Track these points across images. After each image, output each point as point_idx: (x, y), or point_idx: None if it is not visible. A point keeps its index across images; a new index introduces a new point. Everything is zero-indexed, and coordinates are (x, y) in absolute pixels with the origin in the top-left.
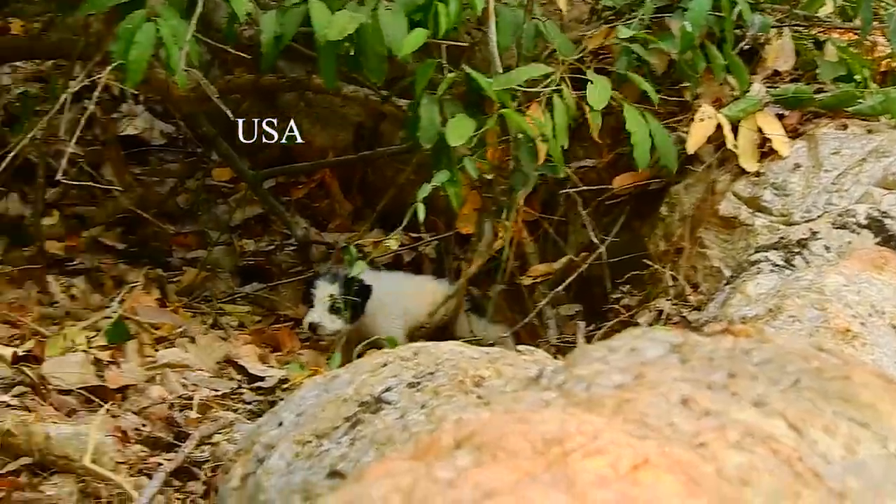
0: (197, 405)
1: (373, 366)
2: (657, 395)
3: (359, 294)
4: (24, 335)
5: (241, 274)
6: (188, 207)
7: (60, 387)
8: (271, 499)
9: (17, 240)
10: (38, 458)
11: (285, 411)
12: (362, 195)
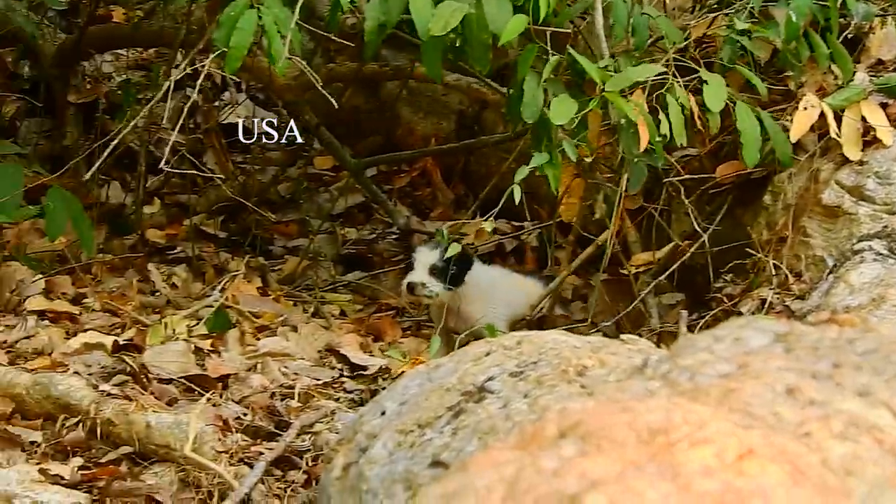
0: (298, 394)
1: (476, 355)
2: (762, 385)
3: (459, 263)
4: (124, 324)
5: (342, 262)
6: (290, 196)
7: (161, 376)
8: (373, 488)
9: (119, 228)
10: (138, 448)
11: (388, 400)
12: (464, 184)
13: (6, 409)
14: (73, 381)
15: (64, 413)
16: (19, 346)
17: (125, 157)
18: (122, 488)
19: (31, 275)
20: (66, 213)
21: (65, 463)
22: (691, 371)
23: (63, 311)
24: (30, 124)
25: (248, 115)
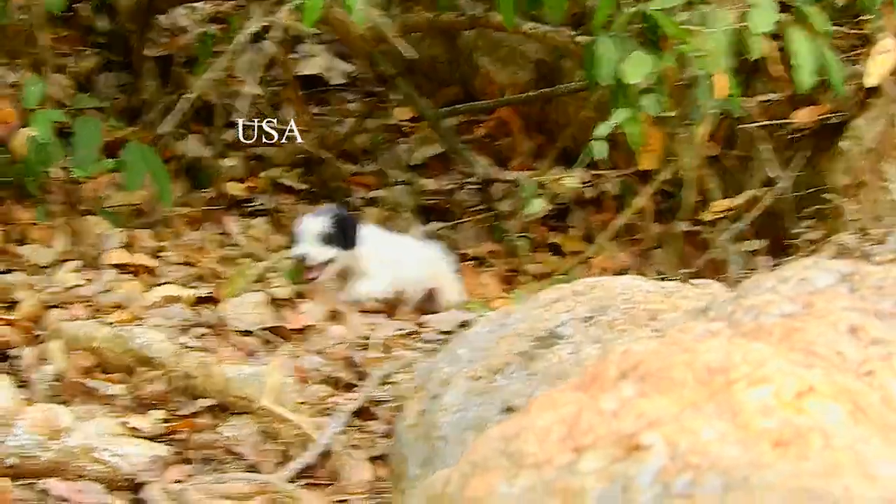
0: (377, 345)
1: (547, 301)
2: (825, 324)
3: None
4: (203, 276)
5: (421, 213)
6: (368, 147)
7: (240, 328)
8: (445, 435)
9: (198, 181)
10: (218, 400)
11: (460, 348)
12: (543, 132)
13: (86, 362)
14: (152, 335)
15: (143, 366)
16: (98, 300)
17: (203, 111)
18: (202, 440)
19: (110, 229)
20: (143, 166)
21: (144, 416)
22: (755, 311)
23: (142, 265)
24: (107, 78)
25: (325, 67)
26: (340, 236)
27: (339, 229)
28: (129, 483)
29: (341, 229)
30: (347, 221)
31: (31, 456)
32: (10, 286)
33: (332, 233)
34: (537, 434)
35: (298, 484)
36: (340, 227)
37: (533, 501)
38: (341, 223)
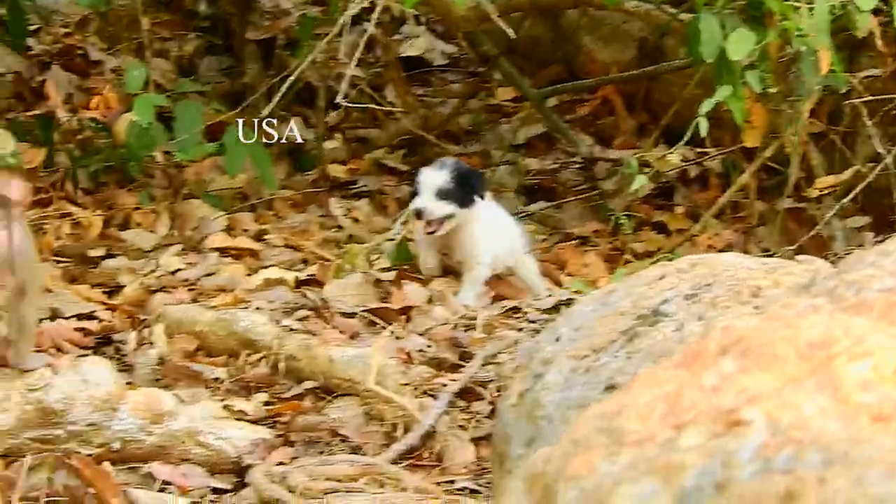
0: (481, 325)
1: (650, 278)
2: None
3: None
4: (306, 259)
5: (525, 193)
6: (471, 127)
7: (343, 309)
8: (549, 414)
9: (300, 164)
10: (322, 382)
11: (563, 326)
12: (646, 111)
13: (189, 346)
14: (255, 317)
15: (247, 349)
16: (201, 284)
17: (305, 93)
18: (306, 423)
19: (213, 212)
20: (245, 149)
21: (248, 399)
22: (857, 286)
23: (245, 248)
24: (209, 62)
25: (427, 48)
26: (460, 192)
27: (460, 185)
28: (232, 466)
29: (462, 185)
30: (469, 176)
31: (134, 440)
32: (113, 271)
33: (453, 188)
34: (638, 411)
35: (402, 465)
36: (461, 182)
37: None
38: (462, 178)
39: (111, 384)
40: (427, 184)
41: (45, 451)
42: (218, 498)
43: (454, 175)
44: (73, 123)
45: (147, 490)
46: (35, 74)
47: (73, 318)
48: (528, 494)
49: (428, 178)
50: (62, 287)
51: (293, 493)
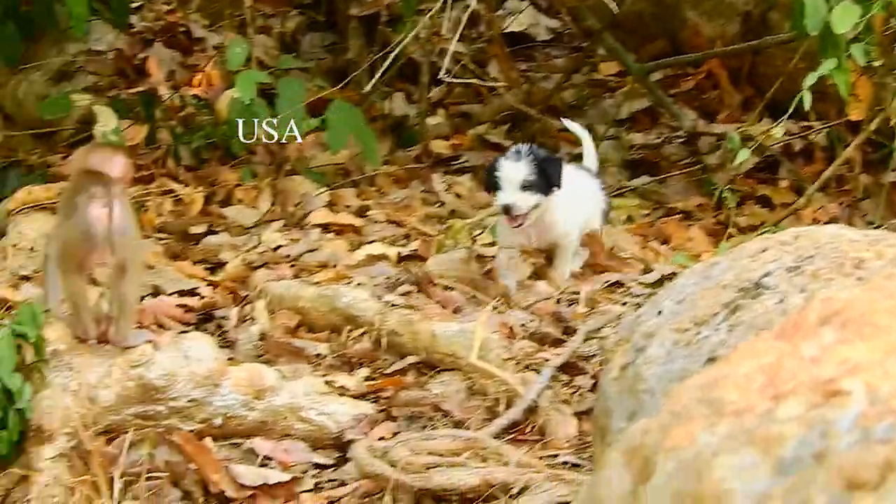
0: (584, 299)
1: (752, 251)
2: None
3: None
4: (409, 235)
5: (629, 167)
6: (575, 102)
7: (445, 284)
8: (651, 388)
9: (403, 140)
10: (424, 357)
11: (665, 300)
12: (751, 85)
13: (292, 322)
14: (357, 293)
15: (349, 324)
16: (304, 260)
17: (408, 69)
18: (409, 398)
19: (315, 188)
20: (348, 125)
21: (350, 374)
22: None
23: (347, 224)
24: (312, 38)
25: (530, 23)
26: (542, 181)
27: (541, 173)
28: (334, 441)
29: (542, 173)
30: (548, 163)
31: (236, 416)
32: (215, 247)
33: (535, 178)
34: (737, 382)
35: (505, 440)
36: (542, 170)
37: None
38: (542, 166)
39: (213, 360)
40: (509, 177)
41: (146, 428)
42: (319, 473)
43: (535, 165)
44: (175, 100)
45: (249, 466)
46: (137, 52)
47: (174, 295)
48: (627, 466)
49: (509, 171)
50: (164, 264)
51: (395, 468)
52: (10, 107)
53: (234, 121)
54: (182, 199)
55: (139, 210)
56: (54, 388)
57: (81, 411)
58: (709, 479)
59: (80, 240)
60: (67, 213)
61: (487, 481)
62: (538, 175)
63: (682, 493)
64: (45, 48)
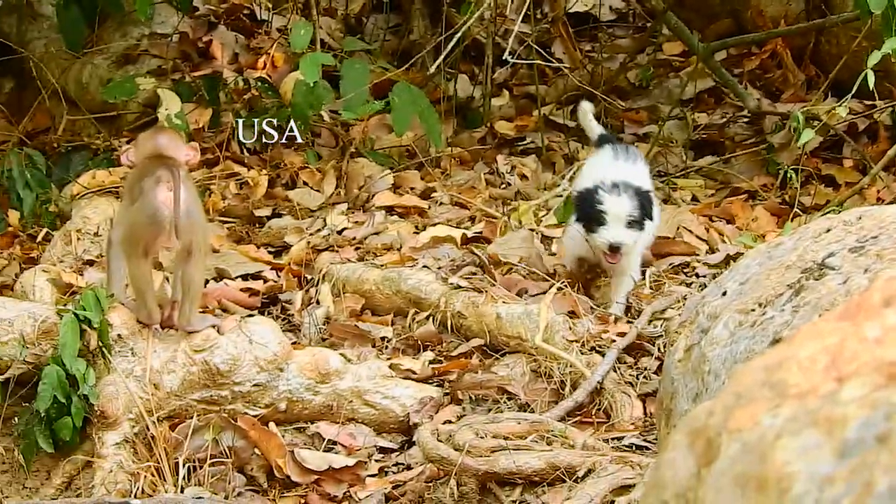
0: (649, 280)
1: (815, 232)
2: None
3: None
4: (474, 216)
5: (693, 147)
6: (639, 83)
7: (510, 266)
8: (715, 369)
9: (467, 121)
10: (489, 339)
11: (729, 280)
12: (815, 64)
13: (356, 305)
14: (422, 276)
15: (414, 307)
16: (368, 242)
17: (472, 50)
18: (474, 381)
19: (380, 170)
20: (412, 107)
21: (415, 357)
22: None
23: (411, 206)
24: (376, 20)
25: (595, 3)
26: (642, 217)
27: (642, 209)
28: (400, 425)
29: (642, 209)
30: (645, 197)
31: (301, 400)
32: (279, 230)
33: (638, 214)
34: (800, 364)
35: (570, 422)
36: (642, 206)
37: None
38: (642, 202)
39: (277, 344)
40: (615, 213)
41: (210, 413)
42: (385, 457)
43: (637, 200)
44: (240, 83)
45: (313, 450)
46: (201, 35)
47: (239, 279)
48: (690, 448)
49: (616, 208)
50: (228, 247)
51: (460, 451)
52: (74, 91)
53: (298, 103)
54: (246, 183)
55: (204, 193)
56: (118, 373)
57: (145, 397)
58: (772, 461)
59: (146, 224)
60: (133, 196)
61: (553, 464)
62: (640, 211)
63: (746, 476)
64: (109, 32)
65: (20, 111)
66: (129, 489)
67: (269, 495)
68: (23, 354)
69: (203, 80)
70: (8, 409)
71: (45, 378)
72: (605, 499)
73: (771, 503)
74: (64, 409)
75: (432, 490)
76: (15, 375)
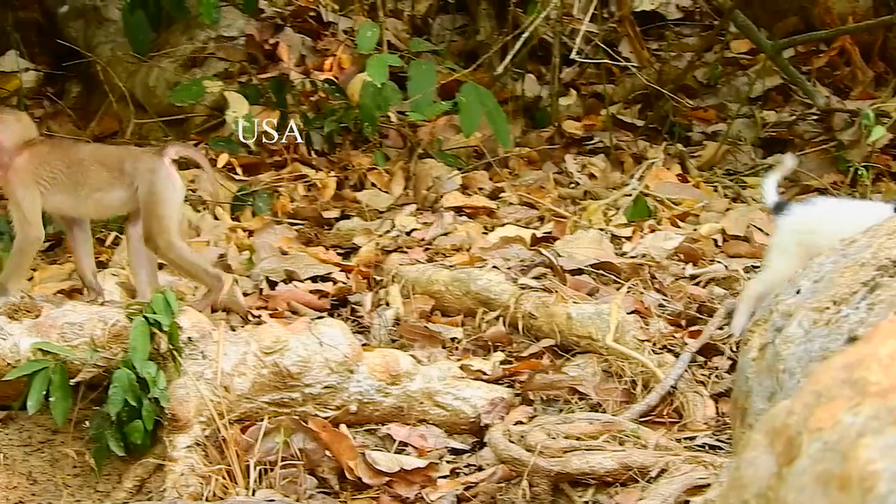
0: (721, 279)
1: (889, 229)
2: None
3: None
4: (543, 216)
5: (762, 145)
6: (707, 81)
7: (579, 266)
8: (790, 367)
9: (535, 121)
10: (559, 340)
11: (803, 279)
12: (884, 60)
13: (426, 306)
14: (491, 276)
15: (483, 308)
16: (437, 243)
17: (539, 50)
18: (545, 381)
19: (448, 171)
20: (480, 107)
21: (486, 358)
22: None
23: (480, 206)
24: (443, 21)
25: (662, 2)
26: None
27: None
28: (471, 426)
29: None
30: None
31: (372, 401)
32: (348, 232)
33: None
34: (880, 362)
35: (642, 422)
36: None
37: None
38: None
39: (347, 346)
40: None
41: (281, 415)
42: (456, 458)
43: None
44: (307, 85)
45: (385, 452)
46: (267, 37)
47: (308, 281)
48: (770, 447)
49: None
50: (297, 249)
51: (532, 452)
52: (141, 94)
53: (365, 104)
54: (315, 184)
55: (272, 195)
56: (189, 376)
57: (216, 399)
58: (854, 459)
59: None
60: None
61: (625, 464)
62: None
63: (828, 475)
64: (175, 36)
65: (88, 115)
66: (200, 492)
67: (341, 497)
68: (93, 358)
69: (270, 83)
70: (79, 413)
71: (116, 381)
72: (679, 499)
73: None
74: (135, 412)
75: (504, 491)
76: (86, 379)
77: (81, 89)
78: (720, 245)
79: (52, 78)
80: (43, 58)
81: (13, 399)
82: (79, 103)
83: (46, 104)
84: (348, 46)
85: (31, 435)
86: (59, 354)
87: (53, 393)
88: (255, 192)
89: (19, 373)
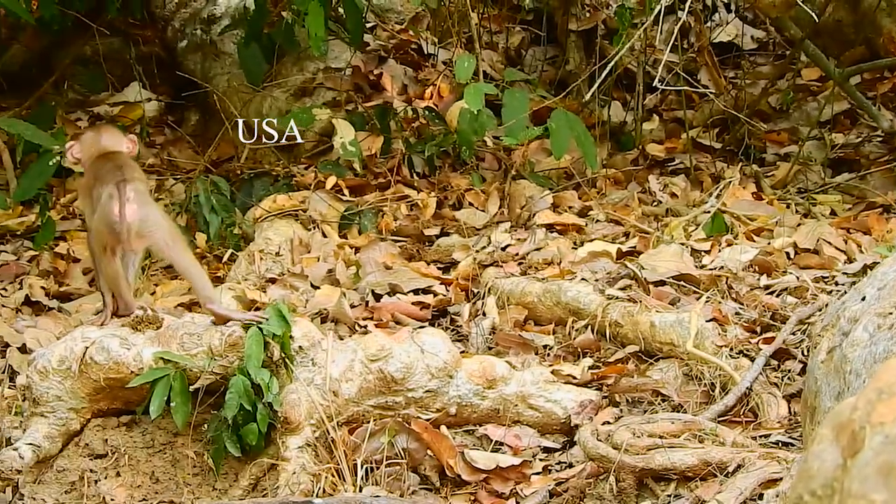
0: (793, 289)
1: None
2: None
3: None
4: (628, 232)
5: (831, 165)
6: (779, 106)
7: (661, 278)
8: (856, 369)
9: (620, 144)
10: (643, 346)
11: (867, 286)
12: None
13: (520, 316)
14: (580, 288)
15: (573, 317)
16: (530, 258)
17: (624, 78)
18: (630, 384)
19: (540, 191)
20: (569, 132)
21: (575, 363)
22: None
23: (570, 223)
24: (534, 52)
25: (737, 33)
26: None
27: None
28: (561, 427)
29: None
30: None
31: (470, 404)
32: (448, 248)
33: None
34: None
35: (720, 421)
36: None
37: None
38: None
39: (447, 353)
40: None
41: (385, 417)
42: (548, 456)
43: None
44: (409, 112)
45: (482, 451)
46: (372, 68)
47: (411, 293)
48: (836, 441)
49: None
50: (401, 265)
51: (618, 450)
52: None
53: (463, 130)
54: (416, 204)
55: (377, 215)
56: (300, 382)
57: (325, 403)
58: None
59: (107, 232)
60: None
61: (705, 460)
62: None
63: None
64: (287, 67)
65: (205, 141)
66: (311, 489)
67: (442, 493)
68: (211, 366)
69: (375, 110)
70: (198, 417)
71: (232, 387)
72: (755, 492)
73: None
74: (250, 415)
75: (593, 486)
76: (204, 385)
77: (199, 117)
78: (792, 258)
79: (173, 107)
80: (164, 89)
81: (137, 404)
82: (197, 130)
83: (167, 132)
84: (447, 76)
85: (153, 437)
86: (179, 363)
87: (174, 398)
88: (361, 212)
89: (142, 380)
